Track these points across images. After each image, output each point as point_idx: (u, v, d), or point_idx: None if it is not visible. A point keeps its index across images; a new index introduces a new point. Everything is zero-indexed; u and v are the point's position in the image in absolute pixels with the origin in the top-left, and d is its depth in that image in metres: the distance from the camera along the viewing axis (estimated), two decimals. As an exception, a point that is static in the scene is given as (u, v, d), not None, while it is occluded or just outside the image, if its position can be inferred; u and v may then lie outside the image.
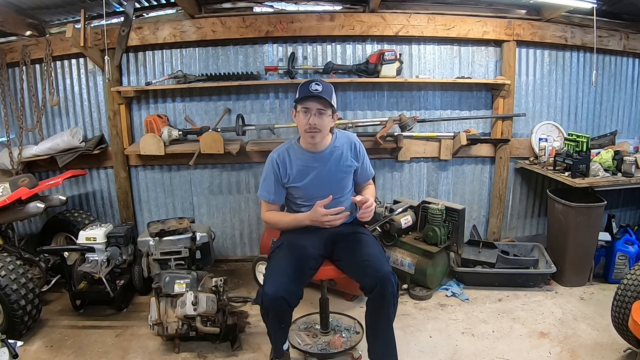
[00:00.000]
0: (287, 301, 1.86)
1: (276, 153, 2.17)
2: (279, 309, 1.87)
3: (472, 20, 3.30)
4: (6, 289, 2.41)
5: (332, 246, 2.14)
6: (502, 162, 3.53)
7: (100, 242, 2.89)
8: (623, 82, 3.65)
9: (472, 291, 3.06)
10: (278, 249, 2.11)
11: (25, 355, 2.42)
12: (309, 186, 2.12)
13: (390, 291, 1.86)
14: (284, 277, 1.91)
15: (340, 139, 2.18)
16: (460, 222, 3.00)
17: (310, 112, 1.99)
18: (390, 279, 1.86)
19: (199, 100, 3.43)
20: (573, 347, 2.42)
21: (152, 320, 2.42)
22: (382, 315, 1.92)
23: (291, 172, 2.13)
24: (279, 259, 2.03)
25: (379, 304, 1.90)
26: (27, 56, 3.26)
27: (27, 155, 3.30)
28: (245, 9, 3.33)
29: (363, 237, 2.14)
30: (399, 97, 3.48)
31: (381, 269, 1.89)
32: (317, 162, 2.12)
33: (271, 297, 1.83)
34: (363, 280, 1.93)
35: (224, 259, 3.66)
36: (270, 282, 1.90)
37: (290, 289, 1.88)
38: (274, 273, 1.96)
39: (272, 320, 1.93)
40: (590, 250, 3.06)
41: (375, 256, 1.99)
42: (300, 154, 2.14)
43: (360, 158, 2.20)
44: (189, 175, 3.53)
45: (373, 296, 1.90)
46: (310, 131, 2.01)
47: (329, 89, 2.02)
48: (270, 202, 2.18)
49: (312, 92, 1.96)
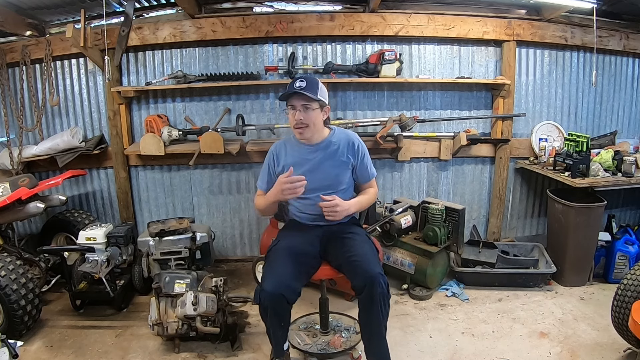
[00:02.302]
0: (286, 298, 1.86)
1: (275, 145, 2.28)
2: (278, 306, 1.87)
3: (472, 20, 3.30)
4: (6, 289, 2.41)
5: (326, 245, 2.15)
6: (502, 162, 3.53)
7: (100, 242, 2.89)
8: (623, 82, 3.65)
9: (472, 291, 3.06)
10: (275, 247, 2.11)
11: (25, 355, 2.42)
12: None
13: (379, 292, 1.84)
14: (282, 274, 1.91)
15: (338, 135, 2.21)
16: (460, 222, 3.00)
17: (295, 108, 2.06)
18: (379, 280, 1.85)
19: (199, 100, 3.43)
20: (573, 347, 2.42)
21: (152, 320, 2.42)
22: (373, 315, 1.91)
23: (286, 162, 2.17)
24: (276, 257, 2.03)
25: (368, 305, 1.89)
26: (27, 56, 3.26)
27: (27, 155, 3.30)
28: (245, 9, 3.33)
29: (354, 237, 2.13)
30: (399, 97, 3.48)
31: (370, 269, 1.88)
32: (312, 154, 2.16)
33: (270, 294, 1.83)
34: (353, 280, 1.93)
35: (224, 259, 3.66)
36: (268, 279, 1.89)
37: (288, 285, 1.87)
38: (271, 270, 1.95)
39: (271, 319, 1.93)
40: (590, 250, 3.06)
41: (364, 256, 1.98)
42: (296, 146, 2.20)
43: (358, 156, 2.19)
44: (189, 175, 3.54)
45: (363, 297, 1.89)
46: (298, 127, 2.08)
47: (313, 83, 2.05)
48: (264, 190, 2.24)
49: (295, 89, 2.01)
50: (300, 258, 2.03)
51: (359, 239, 2.12)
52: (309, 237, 2.14)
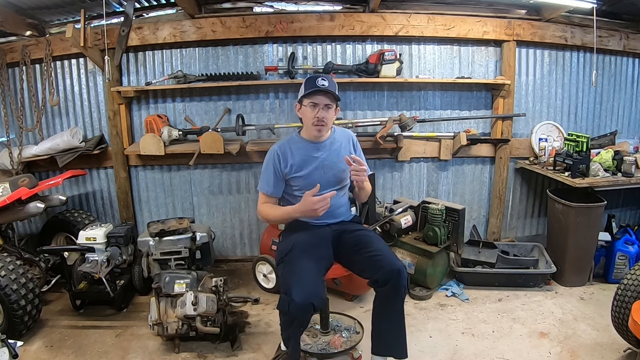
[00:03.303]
0: (315, 306, 1.80)
1: (277, 146, 2.21)
2: (307, 315, 1.82)
3: (472, 20, 3.30)
4: (6, 289, 2.41)
5: (337, 244, 2.14)
6: (502, 162, 3.53)
7: (100, 242, 2.89)
8: (623, 82, 3.65)
9: (472, 291, 3.06)
10: (291, 252, 2.03)
11: (25, 355, 2.42)
12: (311, 175, 2.13)
13: (403, 284, 1.91)
14: (310, 282, 1.84)
15: (338, 132, 2.27)
16: (460, 222, 3.00)
17: (318, 106, 2.05)
18: (404, 272, 1.92)
19: (199, 100, 3.43)
20: (573, 347, 2.42)
21: (152, 320, 2.42)
22: (396, 306, 1.95)
23: (293, 162, 2.15)
24: (298, 263, 1.95)
25: (392, 297, 1.93)
26: (27, 56, 3.26)
27: (27, 155, 3.30)
28: (245, 9, 3.33)
29: (368, 233, 2.18)
30: (399, 97, 3.48)
31: (395, 263, 1.93)
32: (319, 151, 2.17)
33: (300, 305, 1.74)
34: (376, 274, 1.93)
35: (224, 259, 3.66)
36: (296, 288, 1.78)
37: (317, 293, 1.84)
38: (298, 279, 1.85)
39: (295, 327, 1.86)
40: (590, 250, 3.06)
41: (385, 250, 2.02)
42: (301, 144, 2.19)
43: (356, 153, 2.24)
44: (189, 175, 3.53)
45: (386, 289, 1.92)
46: (318, 124, 2.08)
47: (334, 84, 2.08)
48: (269, 194, 2.19)
49: (320, 87, 2.02)
50: (321, 262, 2.01)
51: (373, 235, 2.16)
52: (322, 239, 2.12)
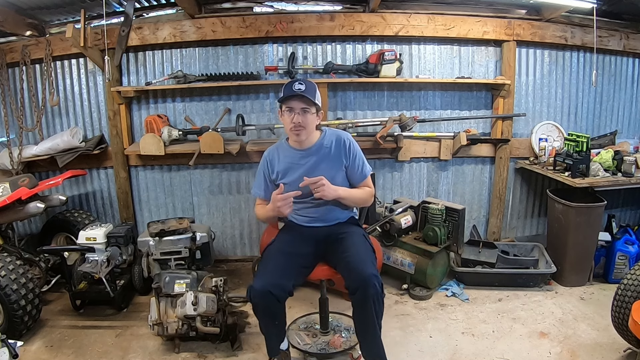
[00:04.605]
0: (275, 295, 1.88)
1: (267, 151, 2.26)
2: (268, 303, 1.89)
3: (472, 20, 3.30)
4: (6, 289, 2.41)
5: (324, 245, 2.14)
6: (502, 162, 3.53)
7: (100, 242, 2.89)
8: (623, 82, 3.65)
9: (472, 291, 3.06)
10: (268, 247, 2.15)
11: (25, 355, 2.42)
12: (296, 183, 2.09)
13: (372, 293, 1.84)
14: (272, 272, 1.95)
15: (328, 136, 2.19)
16: (460, 222, 3.00)
17: (294, 111, 2.05)
18: (373, 281, 1.83)
19: (199, 100, 3.43)
20: (573, 347, 2.42)
21: (152, 320, 2.42)
22: (366, 315, 1.91)
23: (279, 169, 2.18)
24: (269, 256, 2.08)
25: (362, 306, 1.89)
26: (27, 56, 3.26)
27: (27, 155, 3.30)
28: (245, 9, 3.33)
29: (351, 237, 2.12)
30: (399, 97, 3.48)
31: (364, 271, 1.86)
32: (304, 159, 2.15)
33: (258, 291, 1.86)
34: (347, 281, 1.93)
35: (224, 259, 3.66)
36: (258, 277, 1.94)
37: (277, 282, 1.90)
38: (262, 269, 2.01)
39: (262, 316, 1.96)
40: (590, 250, 3.06)
41: (358, 256, 1.97)
42: (288, 151, 2.20)
43: (350, 156, 2.15)
44: (189, 175, 3.53)
45: (356, 297, 1.89)
46: (295, 129, 2.07)
47: (312, 87, 2.07)
48: (262, 198, 2.25)
49: (295, 92, 2.01)
50: (292, 257, 2.04)
51: (355, 239, 2.11)
52: (304, 237, 2.16)
